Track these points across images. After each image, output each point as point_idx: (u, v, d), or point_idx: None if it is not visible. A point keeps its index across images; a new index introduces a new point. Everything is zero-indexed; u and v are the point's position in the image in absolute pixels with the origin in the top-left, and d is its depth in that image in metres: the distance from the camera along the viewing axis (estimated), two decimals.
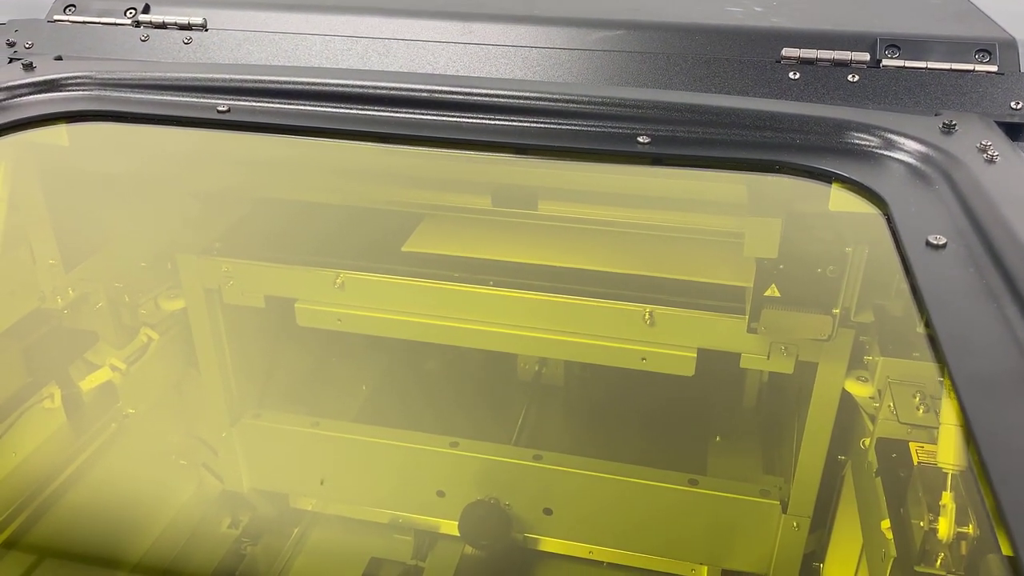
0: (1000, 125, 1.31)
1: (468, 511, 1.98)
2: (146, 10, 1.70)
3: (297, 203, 2.02)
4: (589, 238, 1.87)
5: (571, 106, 1.36)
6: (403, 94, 1.43)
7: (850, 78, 1.41)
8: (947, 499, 1.26)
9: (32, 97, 1.52)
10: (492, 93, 1.39)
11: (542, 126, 1.37)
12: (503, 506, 1.99)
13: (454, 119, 1.40)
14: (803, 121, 1.29)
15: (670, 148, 1.30)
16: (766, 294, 1.59)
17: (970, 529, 1.24)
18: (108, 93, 1.52)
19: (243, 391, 2.14)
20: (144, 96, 1.51)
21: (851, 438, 1.81)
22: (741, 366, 1.73)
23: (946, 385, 0.83)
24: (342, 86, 1.45)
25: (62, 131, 1.52)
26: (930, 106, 1.38)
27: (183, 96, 1.50)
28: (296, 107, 1.46)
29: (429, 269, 1.83)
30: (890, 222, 1.09)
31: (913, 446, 1.48)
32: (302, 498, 2.25)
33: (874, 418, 1.64)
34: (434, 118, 1.41)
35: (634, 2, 1.68)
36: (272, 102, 1.47)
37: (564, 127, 1.36)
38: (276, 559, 2.17)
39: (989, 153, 1.16)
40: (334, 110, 1.44)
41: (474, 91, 1.40)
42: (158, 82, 1.51)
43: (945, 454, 1.27)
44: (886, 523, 1.47)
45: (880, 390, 1.62)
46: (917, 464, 1.43)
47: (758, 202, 1.51)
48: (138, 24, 1.69)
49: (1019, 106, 1.35)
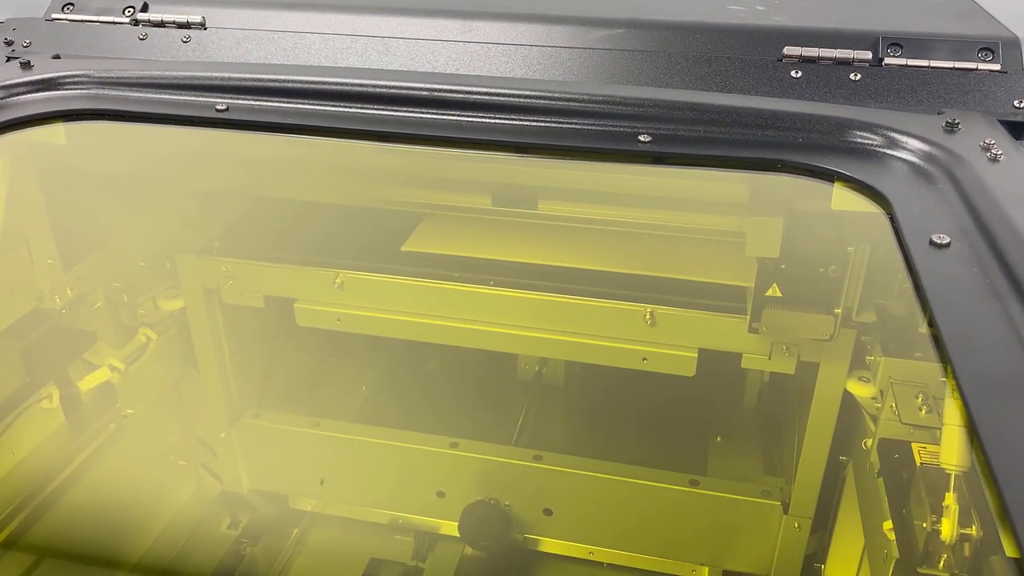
0: (1003, 124, 1.31)
1: (468, 512, 1.97)
2: (144, 8, 1.69)
3: (296, 202, 2.01)
4: (590, 238, 1.87)
5: (572, 104, 1.35)
6: (403, 92, 1.42)
7: (852, 77, 1.41)
8: (950, 500, 1.25)
9: (30, 96, 1.52)
10: (492, 91, 1.38)
11: (543, 125, 1.37)
12: (503, 507, 1.98)
13: (454, 118, 1.39)
14: (805, 120, 1.29)
15: (671, 147, 1.29)
16: (767, 294, 1.58)
17: (973, 530, 1.23)
18: (106, 92, 1.51)
19: (242, 391, 2.13)
20: (142, 95, 1.50)
21: (853, 439, 1.80)
22: (742, 366, 1.72)
23: (950, 385, 0.82)
24: (341, 84, 1.44)
25: (60, 130, 1.52)
26: (933, 105, 1.37)
27: (181, 95, 1.49)
28: (295, 106, 1.45)
29: (429, 269, 1.82)
30: (893, 221, 1.08)
31: (915, 447, 1.47)
32: (302, 498, 2.24)
33: (876, 419, 1.63)
34: (434, 117, 1.41)
35: (635, 0, 1.67)
36: (271, 101, 1.46)
37: (565, 126, 1.36)
38: (276, 560, 2.16)
39: (992, 152, 1.16)
40: (334, 109, 1.43)
41: (474, 89, 1.40)
42: (156, 81, 1.51)
43: (948, 455, 1.26)
44: (888, 524, 1.46)
45: (882, 390, 1.62)
46: (920, 465, 1.42)
47: (760, 201, 1.50)
48: (136, 23, 1.68)
49: (1022, 104, 1.34)
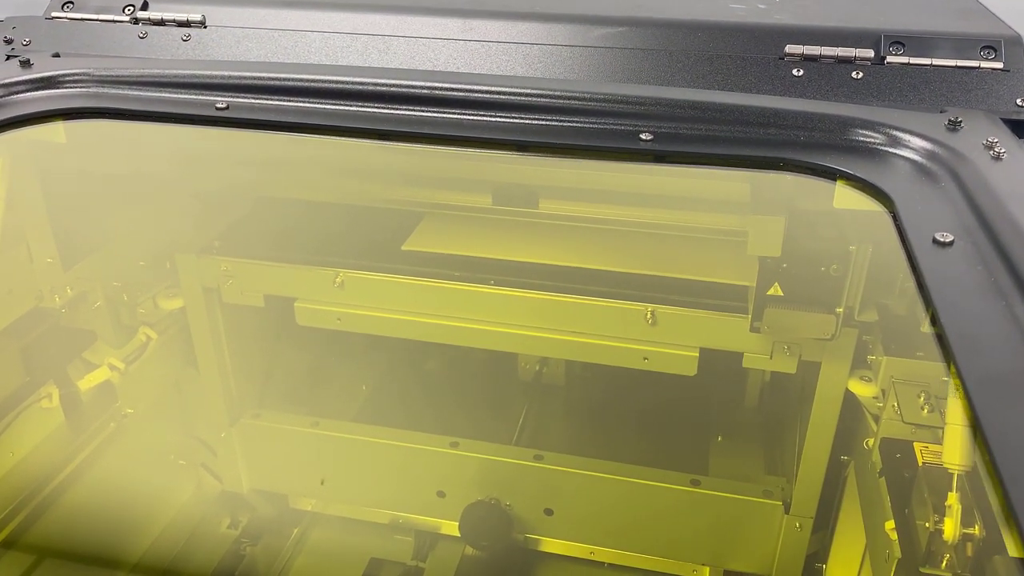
0: (1006, 122, 1.30)
1: (469, 511, 1.97)
2: (144, 7, 1.69)
3: (297, 201, 2.00)
4: (591, 237, 1.86)
5: (573, 103, 1.35)
6: (403, 91, 1.42)
7: (854, 75, 1.40)
8: (952, 499, 1.24)
9: (29, 94, 1.51)
10: (493, 90, 1.38)
11: (544, 123, 1.36)
12: (504, 506, 1.98)
13: (455, 116, 1.39)
14: (807, 118, 1.28)
15: (673, 145, 1.29)
16: (769, 293, 1.58)
17: (976, 530, 1.22)
18: (106, 90, 1.51)
19: (242, 391, 2.13)
20: (142, 93, 1.50)
21: (854, 438, 1.80)
22: (743, 366, 1.72)
23: (954, 384, 0.82)
24: (342, 83, 1.44)
25: (60, 128, 1.51)
26: (935, 103, 1.36)
27: (181, 93, 1.49)
28: (295, 104, 1.45)
29: (429, 268, 1.82)
30: (896, 219, 1.07)
31: (918, 446, 1.47)
32: (302, 498, 2.23)
33: (877, 418, 1.63)
34: (435, 115, 1.40)
35: None
36: (271, 99, 1.46)
37: (566, 124, 1.35)
38: (276, 560, 2.15)
39: (996, 150, 1.15)
40: (334, 107, 1.43)
41: (475, 88, 1.39)
42: (156, 79, 1.50)
43: (951, 454, 1.26)
44: (890, 524, 1.45)
45: (884, 390, 1.61)
46: (922, 464, 1.41)
47: (761, 200, 1.50)
48: (136, 21, 1.68)
49: None
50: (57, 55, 1.62)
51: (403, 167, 1.74)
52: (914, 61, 1.40)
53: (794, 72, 1.42)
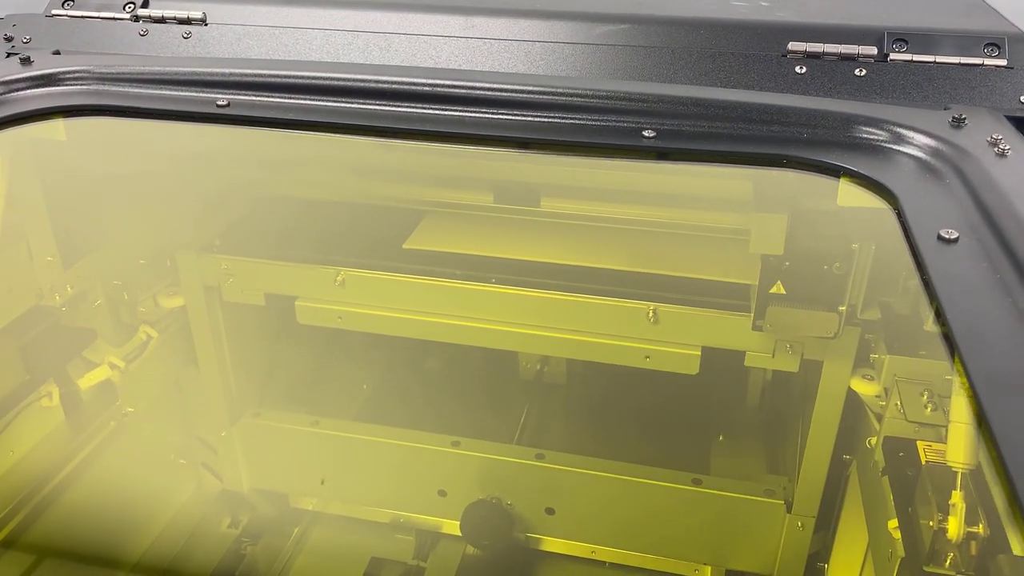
0: (1010, 119, 1.30)
1: (470, 511, 1.96)
2: (145, 4, 1.68)
3: (297, 199, 2.00)
4: (592, 235, 1.86)
5: (575, 100, 1.35)
6: (404, 88, 1.41)
7: (857, 72, 1.40)
8: (956, 498, 1.24)
9: (29, 91, 1.51)
10: (494, 87, 1.37)
11: (546, 120, 1.36)
12: (505, 506, 1.97)
13: (456, 113, 1.38)
14: (810, 115, 1.28)
15: (675, 142, 1.28)
16: (771, 291, 1.57)
17: (980, 528, 1.22)
18: (106, 87, 1.50)
19: (243, 390, 2.12)
20: (143, 91, 1.49)
21: (856, 437, 1.79)
22: (746, 364, 1.71)
23: (960, 381, 0.81)
24: (343, 80, 1.43)
25: (60, 126, 1.51)
26: (938, 100, 1.36)
27: (182, 90, 1.48)
28: (297, 102, 1.44)
29: (431, 266, 1.81)
30: (900, 216, 1.07)
31: (921, 445, 1.46)
32: (302, 497, 2.23)
33: (880, 417, 1.62)
34: (436, 112, 1.40)
35: None
36: (272, 97, 1.45)
37: (568, 121, 1.35)
38: (276, 559, 2.15)
39: (1000, 147, 1.15)
40: (335, 104, 1.42)
41: (476, 85, 1.39)
42: (157, 76, 1.50)
43: (955, 452, 1.25)
44: (893, 523, 1.45)
45: (887, 388, 1.61)
46: (925, 463, 1.41)
47: (764, 198, 1.49)
48: (137, 19, 1.67)
49: None
50: (57, 53, 1.62)
51: (404, 165, 1.73)
52: (918, 58, 1.39)
53: (797, 69, 1.42)
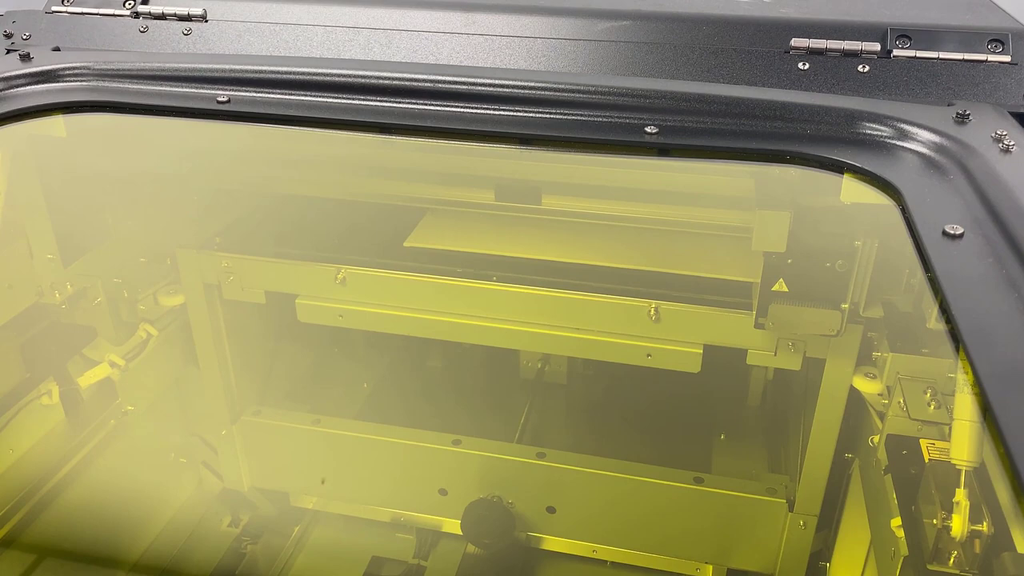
0: (1014, 115, 1.29)
1: (470, 509, 1.96)
2: (145, 1, 1.68)
3: (298, 197, 1.99)
4: (594, 233, 1.85)
5: (577, 96, 1.34)
6: (405, 84, 1.41)
7: (860, 69, 1.39)
8: (960, 496, 1.23)
9: (29, 88, 1.50)
10: (496, 83, 1.37)
11: (548, 116, 1.35)
12: (506, 504, 1.97)
13: (457, 109, 1.38)
14: (814, 111, 1.27)
15: (678, 138, 1.28)
16: (774, 289, 1.57)
17: (984, 526, 1.21)
18: (106, 84, 1.50)
19: (243, 388, 2.12)
20: (142, 87, 1.49)
21: (859, 436, 1.79)
22: (747, 362, 1.71)
23: (967, 377, 0.80)
24: (343, 76, 1.43)
25: (59, 122, 1.50)
26: (942, 97, 1.35)
27: (182, 87, 1.48)
28: (297, 98, 1.44)
29: (431, 264, 1.81)
30: (905, 212, 1.06)
31: (924, 443, 1.46)
32: (303, 496, 2.23)
33: (882, 415, 1.62)
34: (437, 108, 1.39)
35: None
36: (273, 93, 1.45)
37: (570, 117, 1.34)
38: (277, 558, 2.14)
39: (1005, 143, 1.14)
40: (336, 100, 1.42)
41: (478, 81, 1.38)
42: (157, 73, 1.49)
43: (958, 450, 1.24)
44: (896, 521, 1.44)
45: (889, 386, 1.60)
46: (928, 461, 1.40)
47: (767, 194, 1.49)
48: (137, 15, 1.67)
49: None
50: (57, 49, 1.61)
51: (405, 162, 1.73)
52: (921, 55, 1.38)
53: (799, 66, 1.41)
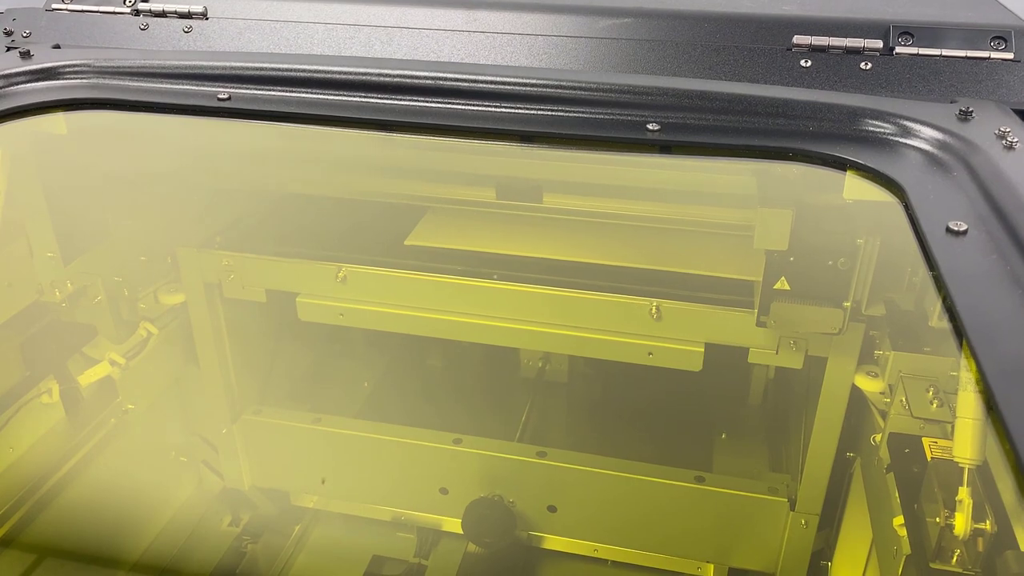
0: (1017, 113, 1.29)
1: (471, 508, 1.95)
2: None
3: (299, 195, 1.99)
4: (595, 231, 1.85)
5: (579, 93, 1.34)
6: (407, 81, 1.40)
7: (863, 66, 1.39)
8: (964, 494, 1.23)
9: (29, 85, 1.50)
10: (498, 79, 1.36)
11: (550, 113, 1.35)
12: (507, 503, 1.97)
13: (459, 106, 1.37)
14: (816, 108, 1.27)
15: (680, 135, 1.27)
16: (776, 287, 1.56)
17: (987, 525, 1.21)
18: (106, 81, 1.49)
19: (244, 387, 2.11)
20: (143, 84, 1.48)
21: (860, 434, 1.79)
22: (749, 361, 1.70)
23: (969, 375, 0.80)
24: (344, 73, 1.42)
25: (60, 120, 1.50)
26: (945, 94, 1.35)
27: (183, 84, 1.47)
28: (298, 95, 1.43)
29: (432, 263, 1.81)
30: (908, 209, 1.06)
31: (926, 441, 1.46)
32: (303, 495, 2.22)
33: (884, 414, 1.61)
34: (438, 106, 1.39)
35: None
36: (273, 90, 1.44)
37: (572, 114, 1.34)
38: (277, 557, 2.14)
39: (1008, 140, 1.14)
40: (337, 98, 1.41)
41: (479, 78, 1.38)
42: (157, 70, 1.49)
43: (961, 448, 1.24)
44: (898, 520, 1.44)
45: (891, 385, 1.60)
46: (931, 459, 1.40)
47: (769, 192, 1.48)
48: (137, 12, 1.66)
49: None
50: (57, 47, 1.61)
51: (406, 160, 1.73)
52: (924, 52, 1.38)
53: (802, 63, 1.41)
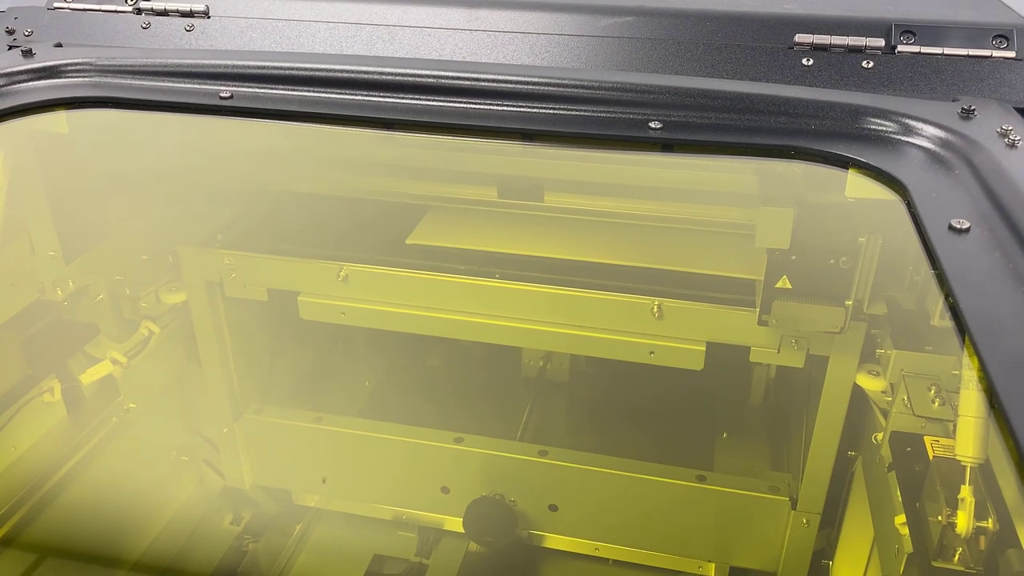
0: (1019, 111, 1.29)
1: (473, 507, 1.95)
2: None
3: (300, 194, 1.99)
4: (596, 230, 1.85)
5: (582, 91, 1.34)
6: (408, 80, 1.40)
7: (864, 64, 1.39)
8: (966, 492, 1.23)
9: (31, 84, 1.50)
10: (500, 78, 1.36)
11: (552, 112, 1.35)
12: (508, 502, 1.97)
13: (460, 105, 1.37)
14: (818, 106, 1.27)
15: (682, 134, 1.27)
16: (777, 286, 1.56)
17: (989, 523, 1.21)
18: (108, 80, 1.50)
19: (245, 386, 2.11)
20: (145, 83, 1.49)
21: (862, 433, 1.79)
22: (751, 360, 1.70)
23: (973, 372, 0.80)
24: (346, 72, 1.42)
25: (62, 118, 1.50)
26: (946, 92, 1.35)
27: (184, 83, 1.47)
28: (299, 94, 1.44)
29: (434, 262, 1.81)
30: (910, 207, 1.06)
31: (928, 440, 1.46)
32: (305, 494, 2.22)
33: (886, 412, 1.61)
34: (440, 104, 1.39)
35: None
36: (275, 88, 1.44)
37: (575, 113, 1.34)
38: (278, 556, 2.14)
39: (1010, 138, 1.14)
40: (338, 96, 1.42)
41: (481, 76, 1.38)
42: (159, 68, 1.49)
43: (964, 446, 1.24)
44: (900, 518, 1.44)
45: (893, 384, 1.60)
46: (933, 458, 1.40)
47: (771, 190, 1.49)
48: (139, 11, 1.66)
49: None
50: (59, 45, 1.61)
51: (408, 159, 1.73)
52: (925, 50, 1.38)
53: (804, 62, 1.41)
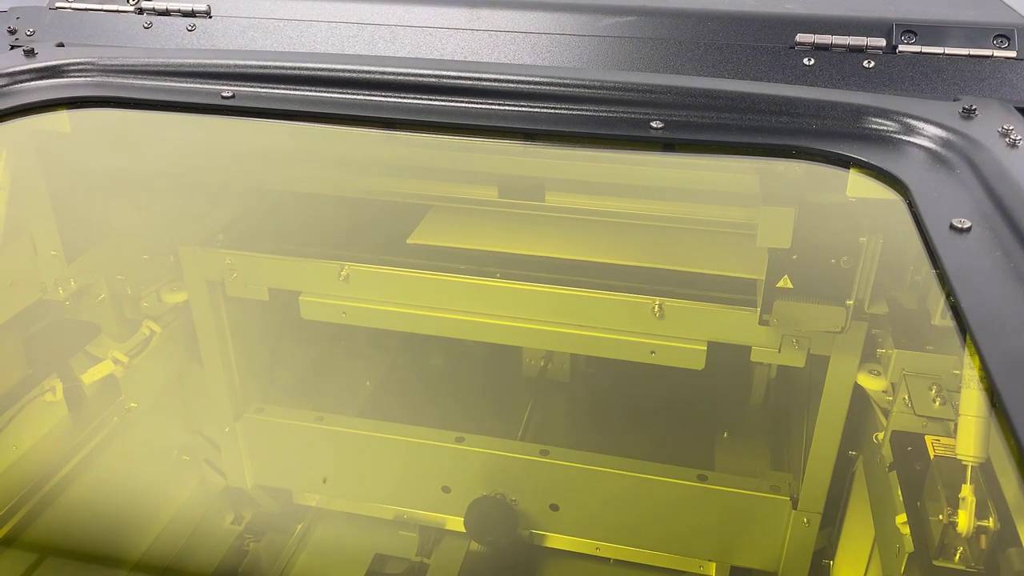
0: (1020, 111, 1.29)
1: (473, 507, 1.96)
2: None
3: (301, 194, 1.99)
4: (597, 229, 1.85)
5: (583, 91, 1.34)
6: (409, 79, 1.41)
7: (866, 64, 1.39)
8: (967, 491, 1.23)
9: (33, 83, 1.50)
10: (501, 77, 1.36)
11: (553, 111, 1.35)
12: (509, 502, 1.97)
13: (462, 104, 1.37)
14: (820, 106, 1.27)
15: (683, 133, 1.27)
16: (778, 285, 1.56)
17: (990, 522, 1.21)
18: (110, 79, 1.50)
19: (246, 385, 2.11)
20: (147, 82, 1.49)
21: (863, 433, 1.79)
22: (752, 359, 1.70)
23: (973, 372, 0.80)
24: (348, 71, 1.43)
25: (64, 117, 1.50)
26: (947, 92, 1.35)
27: (186, 82, 1.47)
28: (301, 93, 1.44)
29: (435, 261, 1.81)
30: (912, 206, 1.06)
31: (929, 439, 1.46)
32: (306, 494, 2.22)
33: (887, 412, 1.62)
34: (441, 104, 1.39)
35: None
36: (277, 88, 1.45)
37: (576, 112, 1.34)
38: (279, 556, 2.14)
39: (1011, 137, 1.14)
40: (340, 96, 1.42)
41: (482, 76, 1.38)
42: (161, 68, 1.49)
43: (964, 446, 1.24)
44: (901, 518, 1.44)
45: (894, 383, 1.60)
46: (934, 457, 1.40)
47: (772, 190, 1.49)
48: (141, 11, 1.67)
49: None
50: (61, 45, 1.61)
51: (409, 158, 1.73)
52: (926, 50, 1.38)
53: (805, 61, 1.41)
